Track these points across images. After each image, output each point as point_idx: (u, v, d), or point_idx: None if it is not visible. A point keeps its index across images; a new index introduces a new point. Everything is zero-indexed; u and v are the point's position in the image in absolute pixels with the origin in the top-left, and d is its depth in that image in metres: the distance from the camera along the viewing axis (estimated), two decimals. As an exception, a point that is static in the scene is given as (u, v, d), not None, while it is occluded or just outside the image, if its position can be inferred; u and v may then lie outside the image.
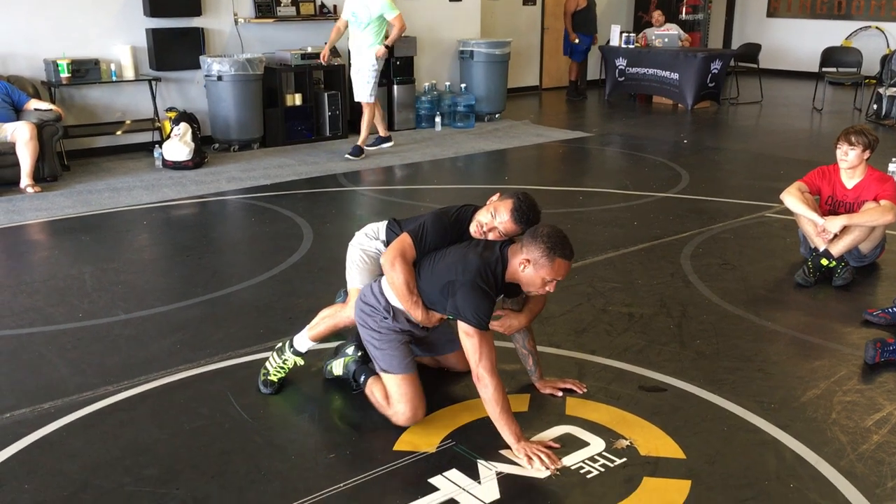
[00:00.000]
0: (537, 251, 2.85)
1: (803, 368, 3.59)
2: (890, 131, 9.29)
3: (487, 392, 2.85)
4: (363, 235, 3.45)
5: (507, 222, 3.03)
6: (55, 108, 6.90)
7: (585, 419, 3.12)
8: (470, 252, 2.98)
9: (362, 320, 3.15)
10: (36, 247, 5.49)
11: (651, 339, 3.83)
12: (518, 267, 2.90)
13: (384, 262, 3.09)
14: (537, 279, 2.89)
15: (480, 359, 2.84)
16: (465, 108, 9.70)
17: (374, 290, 3.15)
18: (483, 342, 2.85)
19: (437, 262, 3.04)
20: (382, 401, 3.08)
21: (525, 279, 2.92)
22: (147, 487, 2.70)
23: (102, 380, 3.45)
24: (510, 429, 2.86)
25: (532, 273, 2.88)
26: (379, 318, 3.10)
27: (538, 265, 2.86)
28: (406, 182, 7.33)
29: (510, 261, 2.93)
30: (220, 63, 7.84)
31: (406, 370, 3.06)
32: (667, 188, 6.73)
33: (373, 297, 3.14)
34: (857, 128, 4.67)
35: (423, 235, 3.10)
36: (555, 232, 2.89)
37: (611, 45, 11.79)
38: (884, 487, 2.70)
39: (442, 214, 3.19)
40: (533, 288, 2.94)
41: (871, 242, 4.65)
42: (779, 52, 13.93)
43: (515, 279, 2.95)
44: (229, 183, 6.93)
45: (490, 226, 3.05)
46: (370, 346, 3.13)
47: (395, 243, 3.11)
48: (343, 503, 2.61)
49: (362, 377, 3.21)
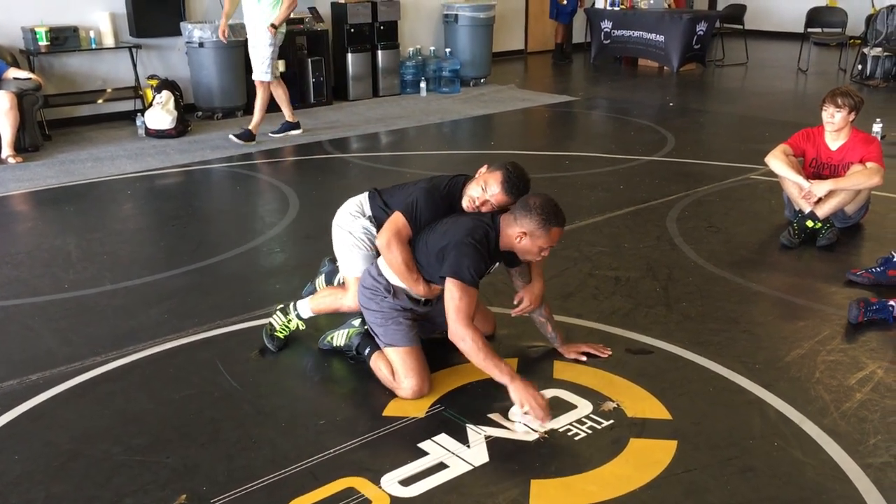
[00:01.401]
0: (532, 223, 2.91)
1: (787, 329, 3.62)
2: (874, 92, 9.30)
3: (466, 344, 2.89)
4: (347, 214, 3.36)
5: (498, 194, 3.05)
6: (35, 77, 6.80)
7: (573, 382, 3.14)
8: (460, 219, 3.04)
9: (365, 304, 3.17)
10: (19, 218, 5.44)
11: (637, 303, 3.86)
12: (514, 240, 2.97)
13: (380, 245, 3.09)
14: (534, 248, 2.97)
15: (457, 312, 2.88)
16: (450, 73, 9.63)
17: (372, 273, 3.16)
18: (464, 296, 2.89)
19: (431, 234, 3.06)
20: (388, 375, 3.08)
21: (522, 249, 3.00)
22: (137, 456, 2.71)
23: (90, 350, 3.44)
24: (500, 370, 2.89)
25: (529, 244, 2.96)
26: (380, 299, 3.11)
27: (535, 236, 2.93)
28: (392, 148, 7.30)
29: (503, 231, 2.98)
30: (201, 29, 7.73)
31: (410, 342, 3.07)
32: (653, 151, 6.73)
33: (371, 280, 3.15)
34: (842, 89, 4.67)
35: (416, 212, 3.09)
36: (547, 202, 2.94)
37: (596, 7, 11.71)
38: (866, 444, 2.74)
39: (433, 189, 3.17)
40: (530, 256, 3.03)
41: (856, 204, 4.67)
42: (764, 13, 13.86)
43: (511, 248, 3.01)
44: (213, 151, 6.88)
45: (482, 199, 3.07)
46: (374, 326, 3.14)
47: (388, 224, 3.09)
48: (333, 469, 2.62)
49: (367, 350, 3.20)
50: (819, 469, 2.62)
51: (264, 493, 2.51)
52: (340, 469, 2.63)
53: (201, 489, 2.54)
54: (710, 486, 2.54)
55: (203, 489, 2.54)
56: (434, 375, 3.16)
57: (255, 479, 2.58)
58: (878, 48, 9.77)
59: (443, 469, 2.62)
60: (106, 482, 2.58)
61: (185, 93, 7.97)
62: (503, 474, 2.61)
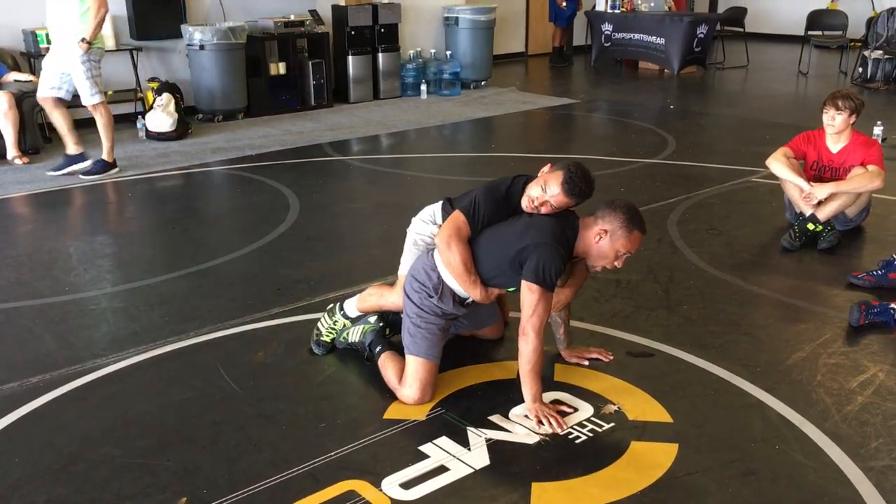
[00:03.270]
0: (616, 222, 2.86)
1: (789, 332, 3.62)
2: (875, 95, 9.30)
3: (528, 347, 2.87)
4: (419, 221, 3.34)
5: (558, 195, 2.92)
6: (35, 80, 6.80)
7: (574, 385, 3.14)
8: (537, 218, 2.96)
9: (408, 293, 3.11)
10: (20, 220, 5.44)
11: (638, 305, 3.85)
12: (593, 238, 2.90)
13: (439, 242, 3.02)
14: (611, 251, 2.90)
15: (533, 315, 2.85)
16: (450, 76, 9.63)
17: (426, 266, 3.09)
18: (542, 300, 2.85)
19: (498, 235, 3.00)
20: (394, 378, 3.06)
21: (597, 251, 2.92)
22: (138, 459, 2.71)
23: (91, 353, 3.44)
24: (532, 388, 2.89)
25: (607, 244, 2.89)
26: (424, 296, 3.06)
27: (615, 236, 2.87)
28: (392, 151, 7.30)
29: (582, 231, 2.93)
30: (201, 32, 7.74)
31: (430, 357, 3.04)
32: (653, 154, 6.73)
33: (424, 274, 3.08)
34: (843, 92, 4.67)
35: (476, 211, 3.02)
36: (632, 206, 2.92)
37: (597, 10, 11.72)
38: (868, 448, 2.74)
39: (493, 188, 3.10)
40: (604, 261, 2.94)
41: (857, 207, 4.67)
42: (764, 16, 13.87)
43: (585, 251, 2.96)
44: (214, 154, 6.88)
45: (541, 199, 2.95)
46: (407, 320, 3.09)
47: (448, 222, 3.03)
48: (334, 472, 2.62)
49: (378, 348, 3.20)
50: (820, 472, 2.62)
51: (265, 496, 2.51)
52: (341, 472, 2.62)
53: (202, 492, 2.53)
54: (711, 490, 2.53)
55: (203, 492, 2.53)
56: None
57: (256, 481, 2.58)
58: (879, 51, 9.77)
59: (444, 472, 2.62)
60: (106, 485, 2.58)
61: (186, 95, 7.97)
62: (504, 477, 2.61)
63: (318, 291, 4.03)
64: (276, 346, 3.47)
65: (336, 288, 4.05)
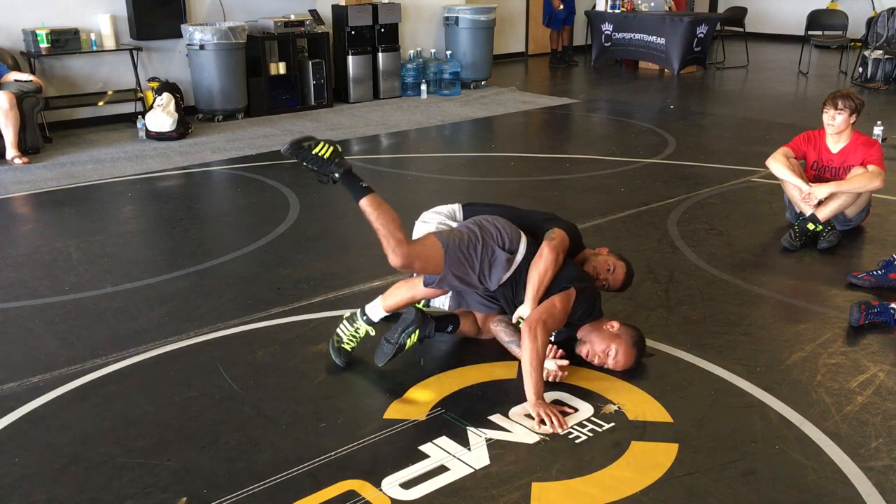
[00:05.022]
0: (603, 342, 3.25)
1: (789, 332, 3.62)
2: (875, 95, 9.30)
3: (533, 345, 2.95)
4: (433, 213, 3.54)
5: (617, 277, 3.47)
6: (35, 79, 6.81)
7: (574, 385, 3.14)
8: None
9: (456, 260, 3.12)
10: (20, 220, 5.44)
11: (638, 305, 3.85)
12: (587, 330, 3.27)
13: (548, 250, 3.15)
14: (584, 350, 3.28)
15: (547, 317, 3.03)
16: (450, 76, 9.63)
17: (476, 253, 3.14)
18: (562, 310, 3.09)
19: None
20: (394, 230, 3.07)
21: (599, 336, 3.26)
22: (138, 459, 2.71)
23: (91, 353, 3.44)
24: (535, 385, 2.92)
25: (588, 340, 3.28)
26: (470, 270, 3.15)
27: (594, 344, 3.26)
28: (392, 151, 7.30)
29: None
30: (202, 32, 7.74)
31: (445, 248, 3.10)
32: (653, 154, 6.73)
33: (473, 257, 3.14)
34: (843, 92, 4.68)
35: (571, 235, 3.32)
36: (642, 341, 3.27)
37: (597, 10, 11.71)
38: (868, 447, 2.74)
39: (571, 228, 3.37)
40: (597, 346, 3.25)
41: (857, 207, 4.67)
42: (765, 16, 13.88)
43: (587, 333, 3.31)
44: (214, 154, 6.88)
45: (604, 275, 3.45)
46: (461, 245, 3.13)
47: (561, 237, 3.23)
48: (334, 472, 2.62)
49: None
50: (820, 472, 2.62)
51: (265, 496, 2.51)
52: (341, 472, 2.62)
53: (202, 491, 2.53)
54: (711, 490, 2.53)
55: (204, 492, 2.53)
56: (434, 378, 3.16)
57: (256, 481, 2.58)
58: (879, 51, 9.77)
59: (443, 472, 2.62)
60: (107, 485, 2.58)
61: (186, 95, 7.98)
62: (504, 477, 2.61)
63: (318, 291, 4.03)
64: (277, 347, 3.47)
65: (336, 288, 4.05)
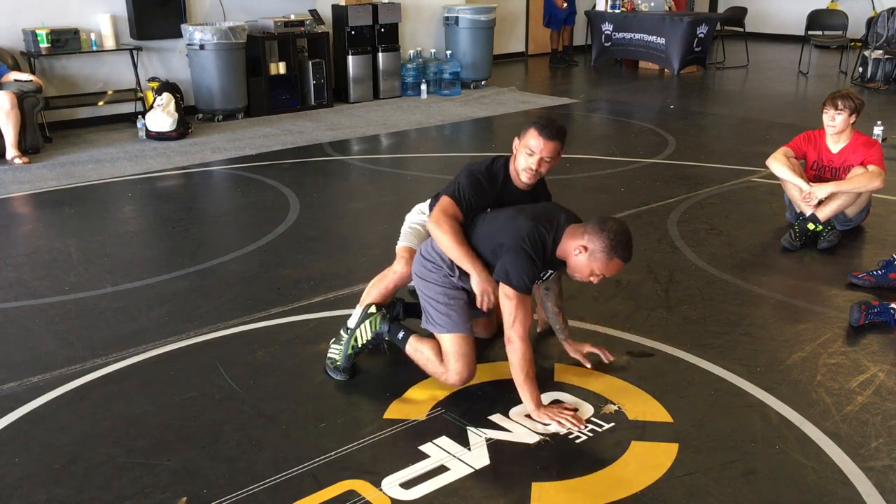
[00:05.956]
0: (599, 243, 2.80)
1: (789, 332, 3.62)
2: (875, 95, 9.30)
3: (516, 356, 2.85)
4: (415, 212, 3.51)
5: (540, 143, 3.02)
6: (35, 79, 6.81)
7: (574, 385, 3.14)
8: (521, 216, 2.93)
9: (422, 275, 3.10)
10: (20, 220, 5.44)
11: (638, 305, 3.85)
12: (572, 251, 2.85)
13: (430, 226, 3.08)
14: (586, 269, 2.86)
15: (514, 322, 2.83)
16: (450, 76, 9.63)
17: (435, 246, 3.09)
18: (520, 306, 2.83)
19: (488, 224, 3.01)
20: (433, 357, 3.04)
21: (574, 264, 2.88)
22: (138, 459, 2.71)
23: (91, 353, 3.44)
24: (531, 395, 2.87)
25: (584, 261, 2.84)
26: (442, 275, 3.05)
27: (593, 257, 2.82)
28: (393, 150, 7.30)
29: (565, 239, 2.87)
30: (202, 31, 7.74)
31: (466, 330, 3.04)
32: (653, 154, 6.73)
33: (435, 254, 3.07)
34: (843, 92, 4.67)
35: (460, 192, 3.09)
36: (622, 230, 2.83)
37: (597, 10, 11.71)
38: (868, 447, 2.74)
39: (473, 170, 3.16)
40: (578, 274, 2.90)
41: (857, 207, 4.67)
42: (765, 16, 13.88)
43: (563, 258, 2.91)
44: (214, 153, 6.88)
45: (536, 161, 3.04)
46: (430, 301, 3.07)
47: (435, 207, 3.12)
48: (334, 472, 2.62)
49: (400, 334, 3.16)
50: (820, 472, 2.62)
51: (265, 496, 2.51)
52: (341, 472, 2.62)
53: (202, 492, 2.53)
54: (711, 489, 2.53)
55: (204, 492, 2.53)
56: (435, 378, 3.16)
57: (256, 481, 2.58)
58: (879, 51, 9.77)
59: (444, 472, 2.62)
60: (107, 485, 2.58)
61: (186, 95, 7.98)
62: (504, 477, 2.61)
63: (318, 291, 4.03)
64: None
65: (336, 288, 4.06)
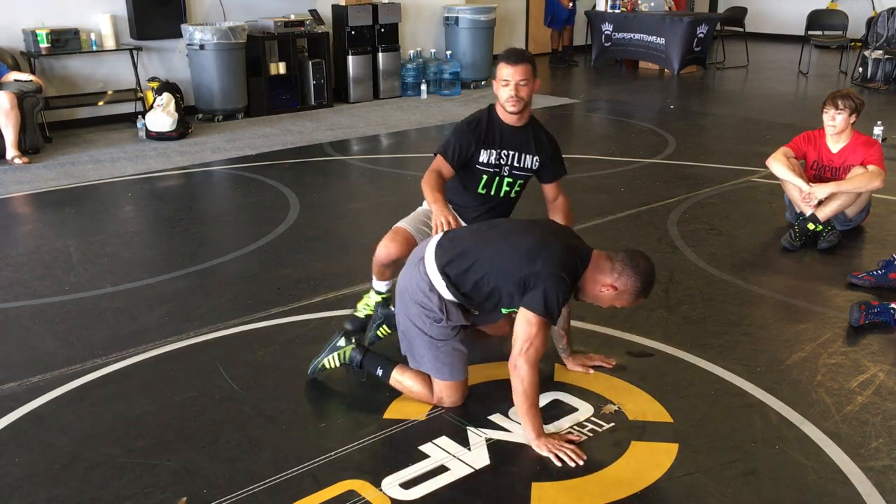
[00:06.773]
0: (630, 286, 2.75)
1: (789, 332, 3.62)
2: (875, 95, 9.30)
3: (522, 385, 2.70)
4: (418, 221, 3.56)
5: (510, 70, 3.46)
6: (35, 79, 6.81)
7: (574, 385, 3.14)
8: (549, 241, 2.77)
9: (413, 321, 2.94)
10: (19, 220, 5.44)
11: (638, 305, 3.83)
12: (598, 286, 2.78)
13: (423, 187, 3.24)
14: (608, 303, 2.82)
15: (529, 348, 2.68)
16: (450, 76, 9.63)
17: (421, 287, 2.89)
18: (541, 333, 2.69)
19: (506, 247, 2.81)
20: (419, 389, 2.95)
21: (596, 297, 2.82)
22: (138, 459, 2.71)
23: (91, 353, 3.44)
24: (533, 425, 2.73)
25: (609, 297, 2.79)
26: (432, 322, 2.90)
27: (621, 297, 2.79)
28: (393, 150, 7.30)
29: (591, 271, 2.77)
30: (202, 31, 7.74)
31: (459, 378, 2.96)
32: (653, 154, 6.73)
33: (423, 296, 2.89)
34: (843, 92, 4.67)
35: (446, 144, 3.38)
36: (651, 271, 2.78)
37: (597, 10, 11.71)
38: (868, 447, 2.74)
39: (458, 124, 3.49)
40: (598, 303, 2.85)
41: (857, 207, 4.67)
42: (765, 16, 13.87)
43: (583, 288, 2.81)
44: (214, 153, 6.88)
45: (512, 88, 3.48)
46: (421, 345, 2.94)
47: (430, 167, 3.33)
48: (334, 472, 2.62)
49: (379, 371, 3.04)
50: (820, 472, 2.62)
51: (265, 496, 2.51)
52: (341, 472, 2.62)
53: (202, 492, 2.53)
54: (711, 490, 2.53)
55: (204, 492, 2.53)
56: (435, 378, 3.15)
57: (256, 481, 2.58)
58: (879, 51, 9.77)
59: (443, 472, 2.62)
60: (107, 485, 2.58)
61: (186, 95, 7.97)
62: (504, 477, 2.61)
63: (318, 291, 4.03)
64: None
65: (336, 288, 4.06)
